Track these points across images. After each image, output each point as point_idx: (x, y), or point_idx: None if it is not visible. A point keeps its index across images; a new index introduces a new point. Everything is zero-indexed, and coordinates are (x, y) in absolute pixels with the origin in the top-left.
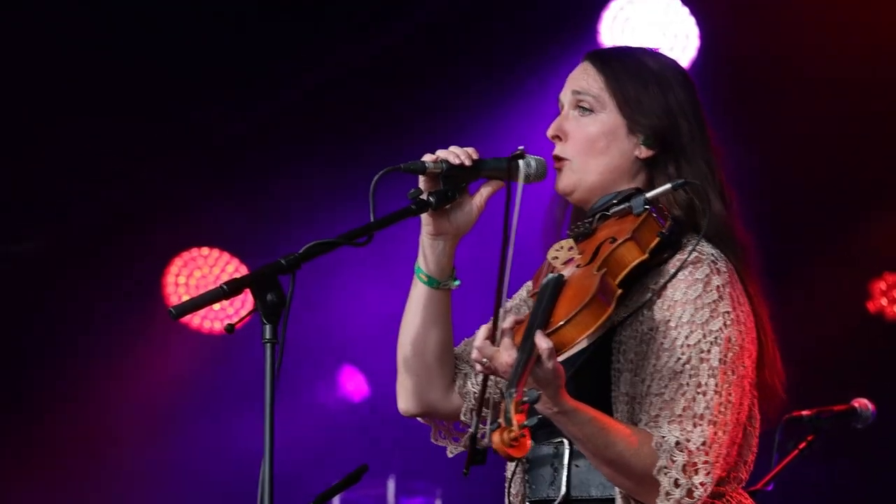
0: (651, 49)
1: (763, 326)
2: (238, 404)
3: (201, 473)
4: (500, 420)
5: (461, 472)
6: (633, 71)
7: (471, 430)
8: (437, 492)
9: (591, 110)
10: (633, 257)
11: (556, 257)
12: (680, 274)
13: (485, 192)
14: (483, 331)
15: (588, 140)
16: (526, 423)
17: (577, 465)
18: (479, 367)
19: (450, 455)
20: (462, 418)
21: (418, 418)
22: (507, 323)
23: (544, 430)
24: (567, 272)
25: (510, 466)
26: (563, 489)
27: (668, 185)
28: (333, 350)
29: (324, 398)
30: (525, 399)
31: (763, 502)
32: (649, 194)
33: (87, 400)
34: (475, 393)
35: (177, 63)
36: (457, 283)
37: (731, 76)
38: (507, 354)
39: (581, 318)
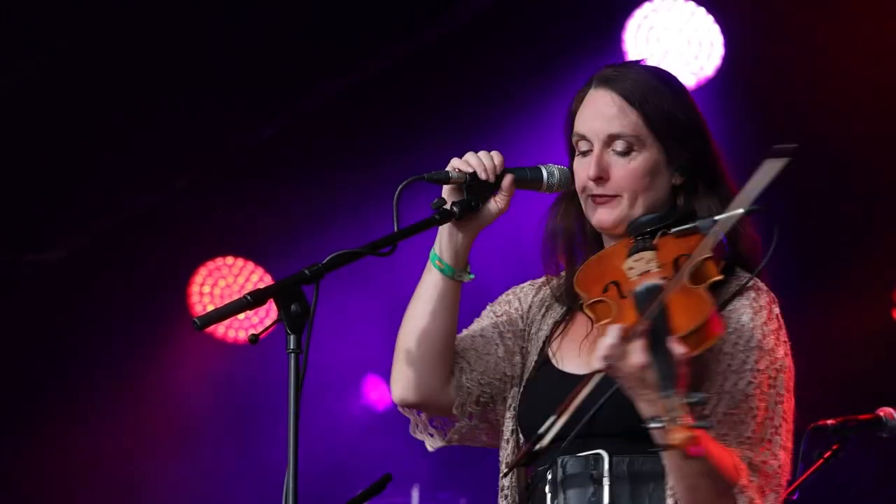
0: (652, 66)
1: None
2: (262, 414)
3: (225, 483)
4: (665, 420)
5: (484, 480)
6: (661, 99)
7: (541, 431)
8: (462, 501)
9: (630, 150)
10: (712, 275)
11: (633, 268)
12: (744, 298)
13: (508, 192)
14: (618, 330)
15: (635, 178)
16: (697, 423)
17: (617, 477)
18: (601, 364)
19: (430, 449)
20: (454, 412)
21: (403, 410)
22: (636, 326)
23: (578, 441)
24: (658, 283)
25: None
26: (606, 502)
27: (740, 211)
28: (357, 359)
29: (348, 407)
30: (689, 400)
31: None
32: (719, 217)
33: (110, 409)
34: (469, 389)
35: (202, 71)
36: (471, 276)
37: (756, 84)
38: (640, 357)
39: (704, 331)
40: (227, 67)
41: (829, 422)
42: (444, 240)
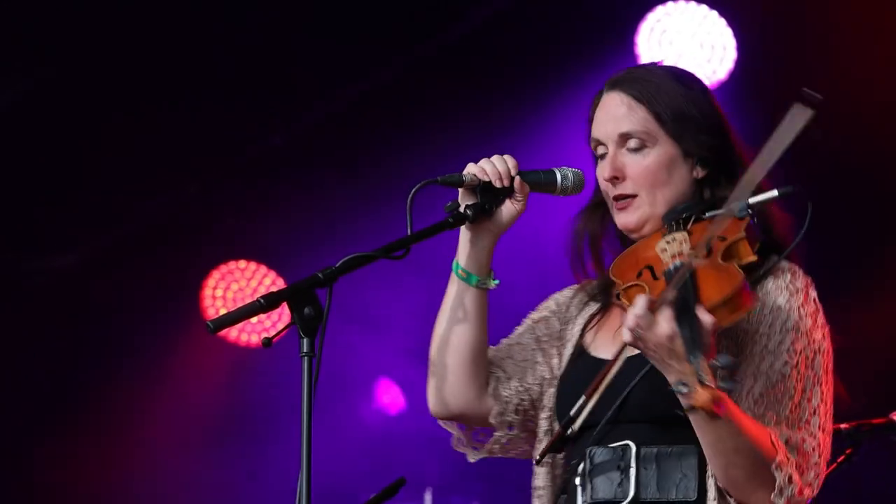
0: (667, 65)
1: None
2: (275, 418)
3: (239, 486)
4: (691, 381)
5: (498, 485)
6: (671, 95)
7: (572, 413)
8: None
9: (643, 147)
10: (746, 257)
11: (665, 250)
12: (780, 280)
13: (522, 194)
14: (645, 301)
15: (650, 174)
16: (720, 385)
17: (644, 468)
18: (628, 335)
19: (471, 460)
20: (491, 421)
21: (444, 423)
22: (667, 295)
23: (605, 436)
24: (692, 263)
25: (541, 479)
26: (633, 491)
27: (774, 192)
28: (369, 363)
29: (360, 411)
30: (715, 363)
31: None
32: (752, 200)
33: (124, 412)
34: (507, 398)
35: (214, 76)
36: (496, 282)
37: (769, 88)
38: (668, 325)
39: (734, 302)
40: (239, 72)
41: (843, 426)
42: (465, 249)
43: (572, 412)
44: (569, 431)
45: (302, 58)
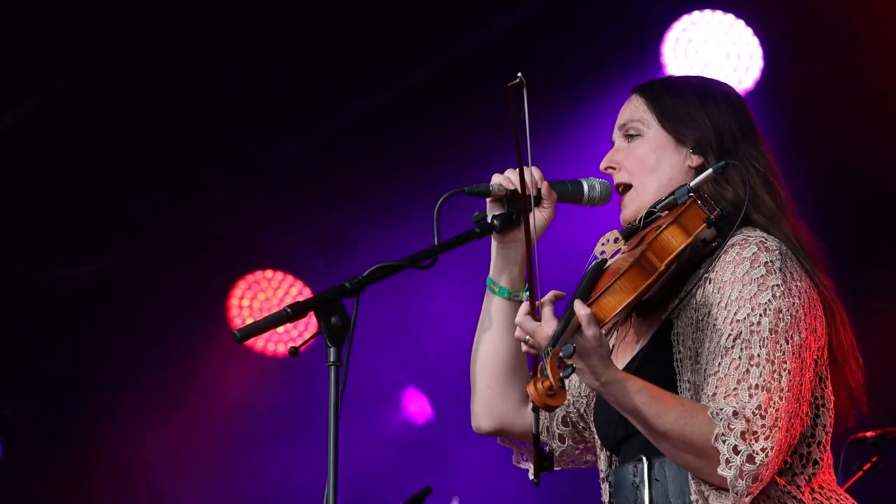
0: (698, 75)
1: (834, 317)
2: (302, 427)
3: (266, 496)
4: (538, 375)
5: (524, 493)
6: (672, 88)
7: (532, 430)
8: None
9: (637, 135)
10: (678, 241)
11: (603, 251)
12: (728, 256)
13: (550, 201)
14: (524, 306)
15: (639, 160)
16: (562, 374)
17: (657, 480)
18: (524, 346)
19: (531, 477)
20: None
21: (502, 441)
22: (547, 296)
23: (630, 450)
24: (609, 258)
25: (606, 495)
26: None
27: (709, 171)
28: (397, 372)
29: (388, 420)
30: (561, 354)
31: None
32: (692, 182)
33: (149, 422)
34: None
35: (237, 85)
36: (528, 294)
37: (796, 97)
38: (548, 326)
39: (619, 286)
40: (264, 82)
41: (869, 434)
42: (498, 263)
43: (532, 429)
44: (546, 450)
45: (325, 67)
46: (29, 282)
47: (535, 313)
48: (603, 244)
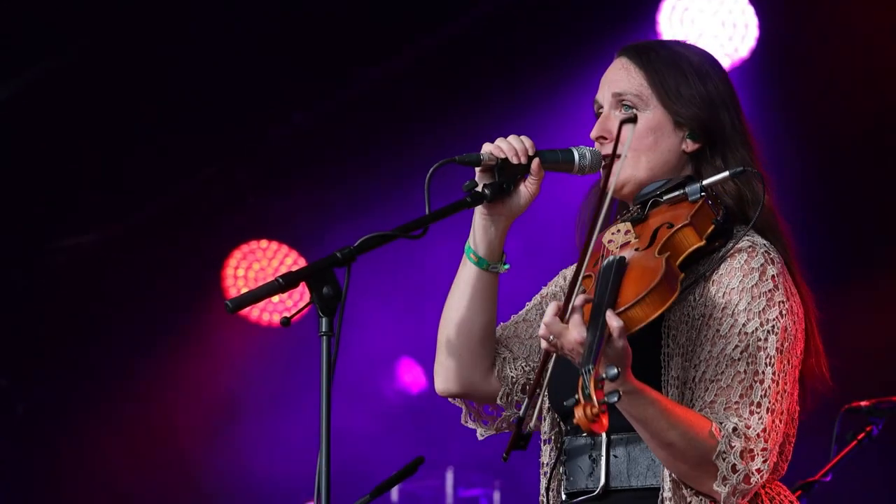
0: (683, 41)
1: (809, 315)
2: (295, 397)
3: (258, 465)
4: (579, 396)
5: (518, 464)
6: (671, 64)
7: (519, 413)
8: (496, 483)
9: (633, 108)
10: (690, 243)
11: (612, 241)
12: (735, 262)
13: (537, 176)
14: (553, 307)
15: (636, 137)
16: (605, 399)
17: (615, 456)
18: (544, 343)
19: (480, 437)
20: (499, 402)
21: (452, 399)
22: (578, 300)
23: None
24: (626, 255)
25: (546, 457)
26: (602, 480)
27: (725, 173)
28: (392, 342)
29: (381, 390)
30: (603, 376)
31: (821, 493)
32: (706, 181)
33: (145, 392)
34: (514, 379)
35: (235, 58)
36: (506, 266)
37: (791, 66)
38: (576, 332)
39: (650, 300)
40: (261, 52)
41: (863, 403)
42: (478, 233)
43: (521, 412)
44: (524, 429)
45: (323, 37)
46: (23, 252)
47: (565, 314)
48: (612, 234)
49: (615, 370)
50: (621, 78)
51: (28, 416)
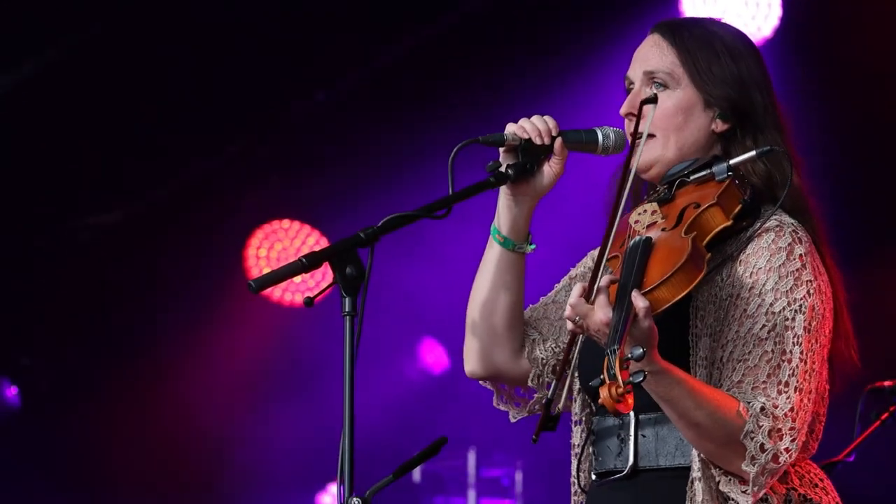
0: (717, 19)
1: (837, 295)
2: (318, 377)
3: (282, 445)
4: (604, 376)
5: (541, 444)
6: (704, 43)
7: (548, 394)
8: (518, 463)
9: (664, 86)
10: (717, 223)
11: (639, 221)
12: (762, 241)
13: (561, 156)
14: (578, 288)
15: (666, 116)
16: (630, 379)
17: (643, 436)
18: (570, 325)
19: (512, 420)
20: (529, 384)
21: (483, 382)
22: (604, 281)
23: None
24: (653, 235)
25: (577, 437)
26: (631, 460)
27: (752, 153)
28: (413, 322)
29: (404, 370)
30: (629, 356)
31: (845, 472)
32: (733, 161)
33: (167, 371)
34: (543, 360)
35: (258, 35)
36: (532, 247)
37: (814, 45)
38: (602, 313)
39: (676, 280)
40: (283, 30)
41: (886, 383)
42: (503, 213)
43: (549, 393)
44: (552, 411)
45: (345, 15)
46: (47, 230)
47: (590, 295)
48: (639, 214)
49: (640, 350)
50: (654, 55)
51: (52, 395)
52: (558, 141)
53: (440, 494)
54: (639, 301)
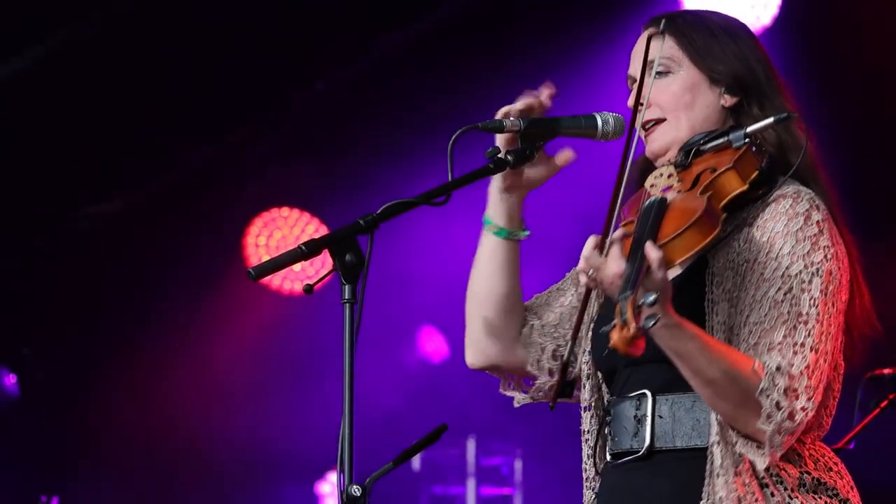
0: (718, 11)
1: (853, 263)
2: (318, 364)
3: (281, 433)
4: (616, 320)
5: (541, 433)
6: (698, 26)
7: (564, 357)
8: (517, 451)
9: (668, 72)
10: (733, 187)
11: (654, 185)
12: (780, 206)
13: (563, 157)
14: (592, 240)
15: (673, 97)
16: (643, 323)
17: (660, 417)
18: (583, 278)
19: (516, 405)
20: (529, 369)
21: (486, 371)
22: (617, 234)
23: (624, 382)
24: (668, 197)
25: (587, 423)
26: (648, 440)
27: (770, 119)
28: (413, 310)
29: (403, 359)
30: (641, 301)
31: (845, 461)
32: (749, 129)
33: (165, 360)
34: (542, 345)
35: (258, 25)
36: (526, 233)
37: (814, 33)
38: (615, 264)
39: (689, 235)
40: (283, 19)
41: (886, 371)
42: (495, 202)
43: (564, 355)
44: (569, 376)
45: (345, 5)
46: (46, 220)
47: (603, 248)
48: (655, 178)
49: (653, 296)
50: (651, 47)
51: (50, 384)
52: (567, 154)
53: (439, 483)
54: (652, 252)
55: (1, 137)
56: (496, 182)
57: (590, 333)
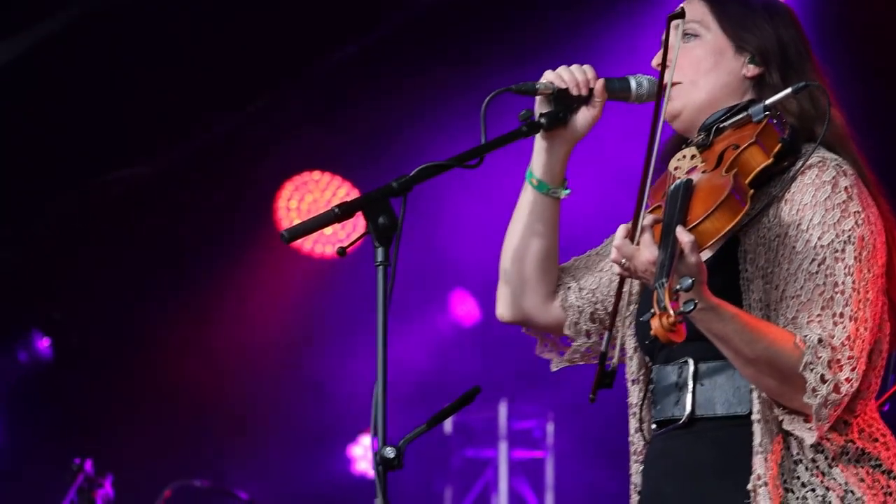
0: None
1: (889, 226)
2: (350, 328)
3: (314, 396)
4: (655, 308)
5: (572, 396)
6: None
7: (601, 349)
8: (549, 415)
9: (695, 35)
10: (758, 161)
11: (678, 167)
12: (806, 178)
13: (602, 98)
14: (622, 229)
15: (695, 60)
16: (682, 308)
17: (701, 384)
18: (617, 268)
19: (553, 369)
20: (566, 332)
21: (520, 326)
22: (647, 220)
23: (668, 351)
24: (693, 178)
25: (634, 396)
26: (689, 408)
27: (788, 90)
28: (445, 273)
29: (436, 322)
30: (678, 287)
31: None
32: (768, 101)
33: (198, 323)
34: (579, 307)
35: None
36: (567, 192)
37: (842, 8)
38: (648, 252)
39: (719, 215)
40: None
41: None
42: (539, 157)
43: (602, 347)
44: (608, 367)
45: None
46: (78, 184)
47: (634, 236)
48: (678, 160)
49: (689, 280)
50: (683, 9)
51: (83, 348)
52: (600, 82)
53: (470, 446)
54: (683, 236)
55: (31, 101)
56: (540, 134)
57: (631, 320)
